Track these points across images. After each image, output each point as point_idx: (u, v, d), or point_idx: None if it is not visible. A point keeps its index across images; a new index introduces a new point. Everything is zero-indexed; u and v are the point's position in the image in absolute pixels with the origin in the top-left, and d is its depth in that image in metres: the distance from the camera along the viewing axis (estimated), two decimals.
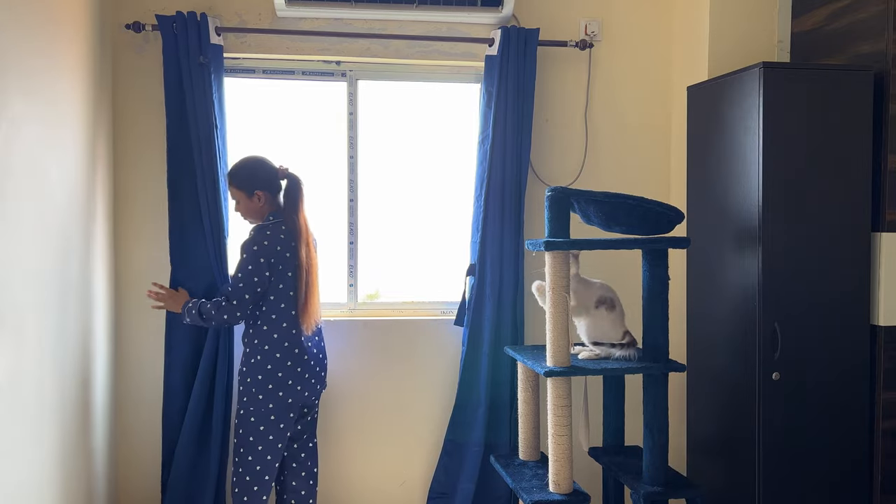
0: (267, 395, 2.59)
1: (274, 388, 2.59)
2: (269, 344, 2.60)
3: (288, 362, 2.61)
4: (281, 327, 2.61)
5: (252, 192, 2.65)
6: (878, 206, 2.65)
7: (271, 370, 2.60)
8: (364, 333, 3.20)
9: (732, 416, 2.78)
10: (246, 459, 2.61)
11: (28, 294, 2.14)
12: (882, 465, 2.66)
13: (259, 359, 2.60)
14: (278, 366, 2.60)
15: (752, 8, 3.07)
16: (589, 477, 3.15)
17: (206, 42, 2.89)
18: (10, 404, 2.01)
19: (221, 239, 2.96)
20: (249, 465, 2.61)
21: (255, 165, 2.68)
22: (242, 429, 2.61)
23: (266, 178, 2.67)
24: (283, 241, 2.62)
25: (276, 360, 2.60)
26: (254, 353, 2.62)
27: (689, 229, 3.06)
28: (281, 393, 2.60)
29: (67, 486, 2.46)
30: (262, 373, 2.59)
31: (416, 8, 3.06)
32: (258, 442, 2.60)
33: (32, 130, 2.18)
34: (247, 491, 2.62)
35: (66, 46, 2.48)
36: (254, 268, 2.55)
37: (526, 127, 3.11)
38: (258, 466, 2.61)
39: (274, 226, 2.64)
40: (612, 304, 2.58)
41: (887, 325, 2.64)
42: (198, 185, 2.91)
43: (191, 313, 2.63)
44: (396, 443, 3.25)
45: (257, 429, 2.60)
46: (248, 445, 2.61)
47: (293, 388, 2.62)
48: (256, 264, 2.56)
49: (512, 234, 3.11)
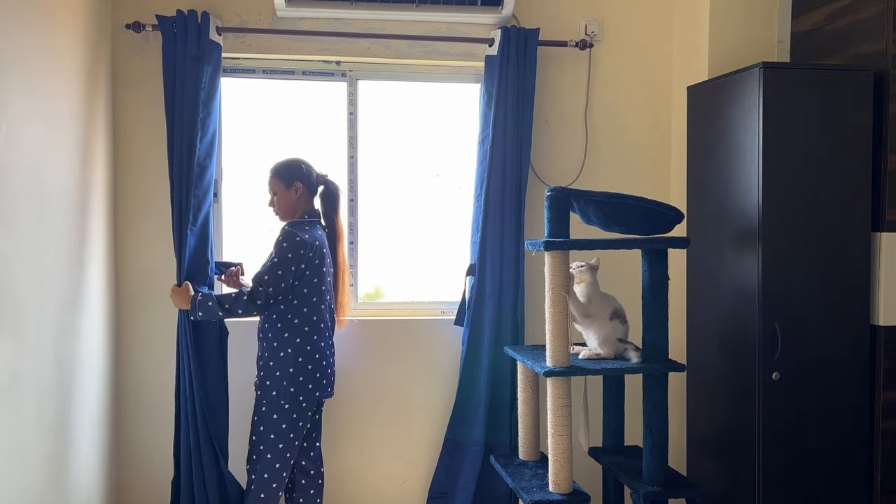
0: (284, 395, 2.61)
1: (290, 387, 2.61)
2: (300, 338, 2.63)
3: (308, 365, 2.64)
4: (312, 321, 2.66)
5: (291, 182, 2.71)
6: (878, 206, 2.65)
7: (302, 362, 2.63)
8: (364, 333, 3.20)
9: (732, 416, 2.78)
10: (265, 457, 2.61)
11: (28, 294, 2.14)
12: (882, 465, 2.66)
13: (290, 351, 2.62)
14: (295, 366, 2.62)
15: (752, 8, 3.07)
16: (589, 477, 3.15)
17: (205, 39, 2.88)
18: (11, 404, 2.01)
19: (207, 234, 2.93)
20: (268, 463, 2.61)
21: (296, 161, 2.76)
22: (263, 426, 2.62)
23: (305, 174, 2.75)
24: (322, 240, 2.72)
25: (294, 361, 2.62)
26: (271, 356, 2.63)
27: (689, 229, 3.06)
28: (295, 391, 2.62)
29: (67, 486, 2.46)
30: (280, 371, 2.61)
31: (416, 8, 3.07)
32: (278, 439, 2.61)
33: (32, 130, 2.18)
34: (264, 488, 2.62)
35: (66, 46, 2.49)
36: (280, 262, 2.59)
37: (526, 127, 3.11)
38: (277, 464, 2.62)
39: (309, 224, 2.71)
40: (624, 317, 2.61)
41: (887, 325, 2.64)
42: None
43: (205, 306, 2.62)
44: (396, 442, 3.25)
45: (279, 426, 2.61)
46: (267, 442, 2.61)
47: (306, 387, 2.64)
48: (285, 261, 2.59)
49: (512, 234, 3.11)
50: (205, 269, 2.90)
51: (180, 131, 2.88)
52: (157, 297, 3.05)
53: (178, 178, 2.86)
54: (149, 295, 3.06)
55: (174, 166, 2.87)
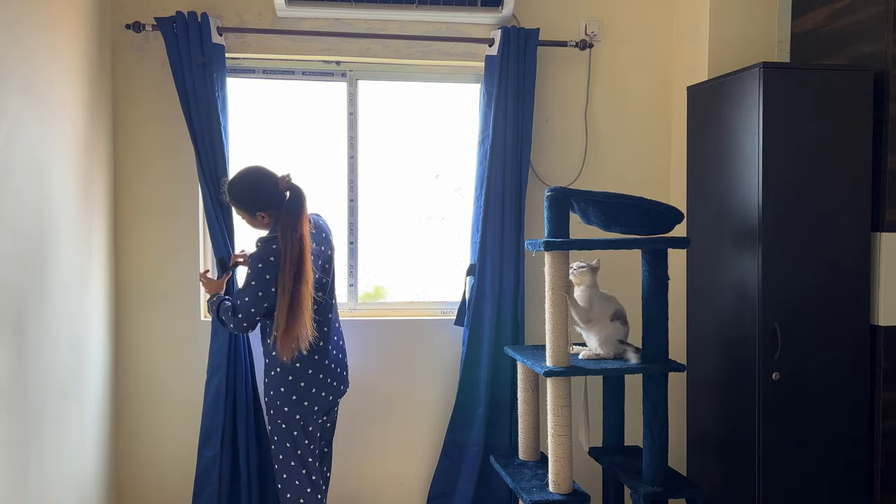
0: (292, 407, 2.53)
1: (298, 398, 2.53)
2: (275, 362, 2.55)
3: (309, 370, 2.55)
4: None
5: (254, 213, 2.54)
6: (878, 206, 2.65)
7: (293, 381, 2.54)
8: (364, 333, 3.20)
9: (732, 416, 2.78)
10: (289, 465, 2.56)
11: (28, 294, 2.14)
12: (882, 465, 2.66)
13: (279, 370, 2.54)
14: (299, 376, 2.54)
15: (752, 8, 3.07)
16: (589, 477, 3.15)
17: (207, 42, 2.89)
18: (11, 404, 2.01)
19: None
20: (294, 470, 2.56)
21: (256, 186, 2.51)
22: (277, 436, 2.56)
23: (268, 197, 2.51)
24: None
25: (297, 370, 2.54)
26: (273, 366, 2.56)
27: (689, 229, 3.06)
28: (306, 403, 2.54)
29: (67, 485, 2.46)
30: (284, 384, 2.53)
31: (416, 8, 3.07)
32: (296, 447, 2.55)
33: (32, 130, 2.18)
34: (301, 493, 2.57)
35: (66, 46, 2.49)
36: (258, 284, 2.47)
37: (526, 127, 3.11)
38: (304, 470, 2.56)
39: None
40: (625, 319, 2.61)
41: (887, 325, 2.64)
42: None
43: (213, 307, 2.62)
44: (396, 443, 3.25)
45: (291, 434, 2.55)
46: (287, 453, 2.55)
47: (317, 395, 2.56)
48: (262, 282, 2.47)
49: (512, 234, 3.11)
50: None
51: (201, 135, 2.90)
52: (158, 295, 3.06)
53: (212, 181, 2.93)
54: (149, 294, 3.06)
55: (205, 169, 2.92)
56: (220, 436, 2.95)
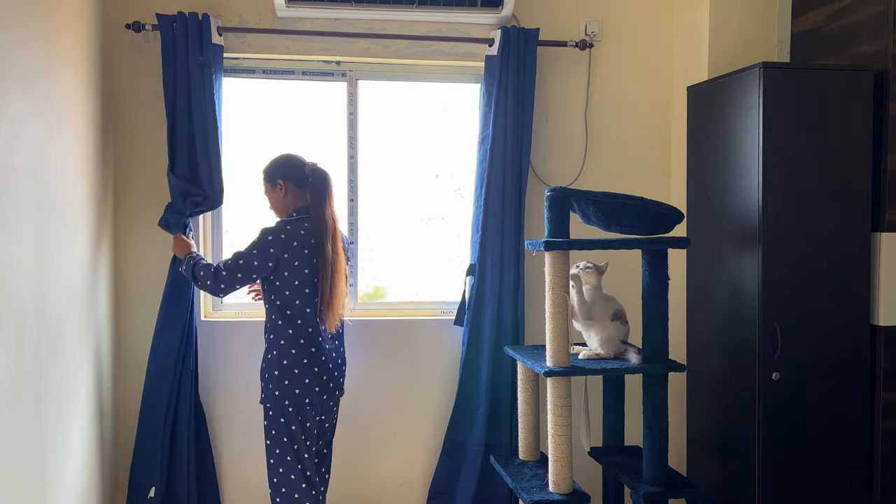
0: (283, 391, 2.53)
1: (290, 384, 2.53)
2: (284, 339, 2.55)
3: (304, 360, 2.55)
4: (296, 324, 2.55)
5: (274, 182, 2.64)
6: (878, 206, 2.65)
7: (287, 366, 2.53)
8: (364, 333, 3.19)
9: (732, 416, 2.78)
10: (284, 459, 2.54)
11: (28, 294, 2.14)
12: (882, 465, 2.66)
13: (275, 354, 2.55)
14: (294, 362, 2.54)
15: (752, 8, 3.07)
16: (589, 477, 3.15)
17: (207, 42, 2.89)
18: (11, 404, 2.01)
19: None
20: (290, 465, 2.54)
21: (281, 158, 2.68)
22: (275, 430, 2.55)
23: (289, 169, 2.64)
24: (302, 237, 2.55)
25: (293, 356, 2.54)
26: (271, 349, 2.57)
27: (689, 229, 3.06)
28: (298, 391, 2.53)
29: (67, 486, 2.46)
30: (279, 368, 2.54)
31: (416, 8, 3.06)
32: (292, 442, 2.54)
33: (32, 130, 2.18)
34: (295, 489, 2.54)
35: (66, 46, 2.49)
36: (258, 253, 2.52)
37: (526, 127, 3.11)
38: (299, 465, 2.54)
39: (295, 221, 2.58)
40: (625, 319, 2.61)
41: (887, 325, 2.64)
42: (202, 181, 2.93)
43: (188, 264, 2.68)
44: (396, 443, 3.25)
45: (289, 429, 2.54)
46: (283, 447, 2.54)
47: (309, 387, 2.54)
48: (263, 253, 2.51)
49: (512, 234, 3.11)
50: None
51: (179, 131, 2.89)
52: (158, 295, 3.04)
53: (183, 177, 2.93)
54: (149, 293, 3.05)
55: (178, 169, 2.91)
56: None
